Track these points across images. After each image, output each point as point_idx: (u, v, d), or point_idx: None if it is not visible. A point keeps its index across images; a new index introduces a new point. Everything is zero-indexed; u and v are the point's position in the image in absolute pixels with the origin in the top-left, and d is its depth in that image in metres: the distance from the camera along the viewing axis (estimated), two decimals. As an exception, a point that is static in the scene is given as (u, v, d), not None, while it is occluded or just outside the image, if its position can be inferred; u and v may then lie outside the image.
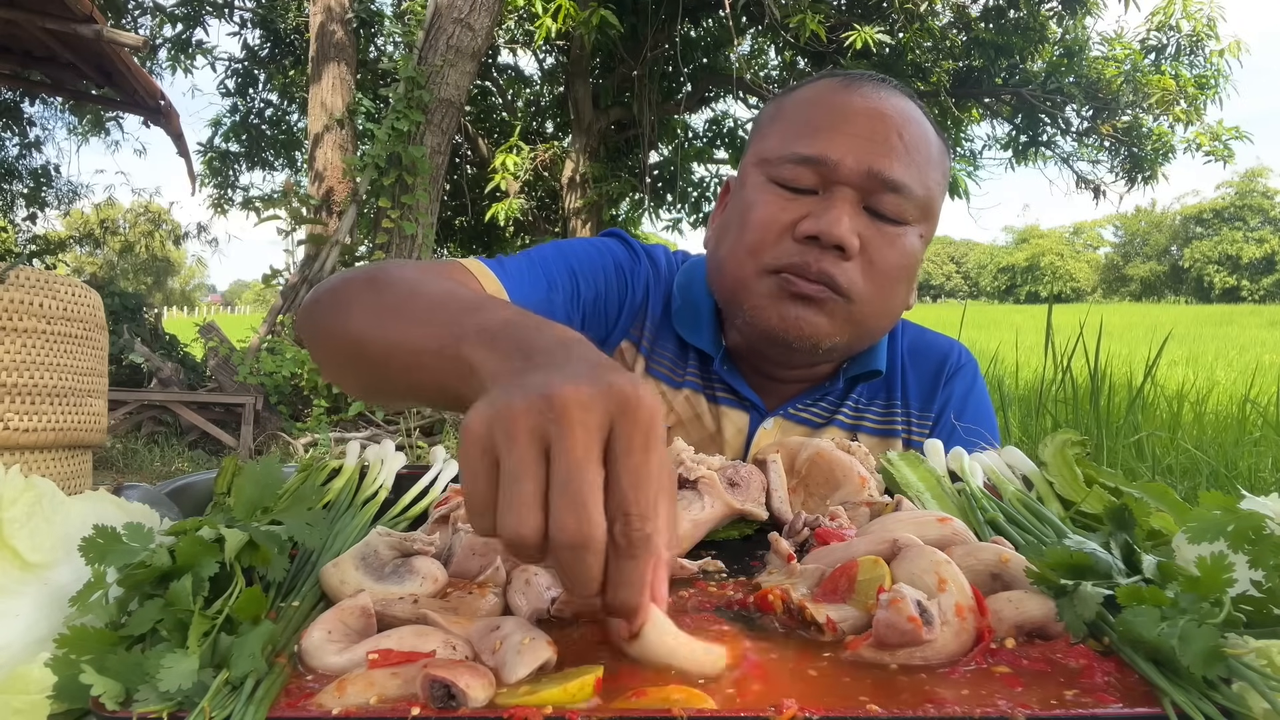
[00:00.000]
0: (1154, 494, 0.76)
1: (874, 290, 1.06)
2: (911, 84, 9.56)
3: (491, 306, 0.70)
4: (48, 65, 6.27)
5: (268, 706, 0.48)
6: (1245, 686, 0.47)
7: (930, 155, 1.08)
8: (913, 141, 1.05)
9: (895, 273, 1.07)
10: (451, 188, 11.96)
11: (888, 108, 1.06)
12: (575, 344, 0.58)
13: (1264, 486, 3.24)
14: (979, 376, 1.30)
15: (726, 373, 1.18)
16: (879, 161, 1.02)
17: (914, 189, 1.04)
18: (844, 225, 1.01)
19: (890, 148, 1.03)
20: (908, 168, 1.04)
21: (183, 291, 46.91)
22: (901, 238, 1.06)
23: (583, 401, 0.49)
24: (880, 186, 1.03)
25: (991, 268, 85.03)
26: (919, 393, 1.25)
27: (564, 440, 0.48)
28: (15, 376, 1.86)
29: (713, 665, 0.51)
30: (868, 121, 1.05)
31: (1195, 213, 71.11)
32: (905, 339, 1.29)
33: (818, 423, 1.21)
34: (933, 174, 1.08)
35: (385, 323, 0.77)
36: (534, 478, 0.48)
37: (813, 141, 1.04)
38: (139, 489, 0.84)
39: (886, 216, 1.05)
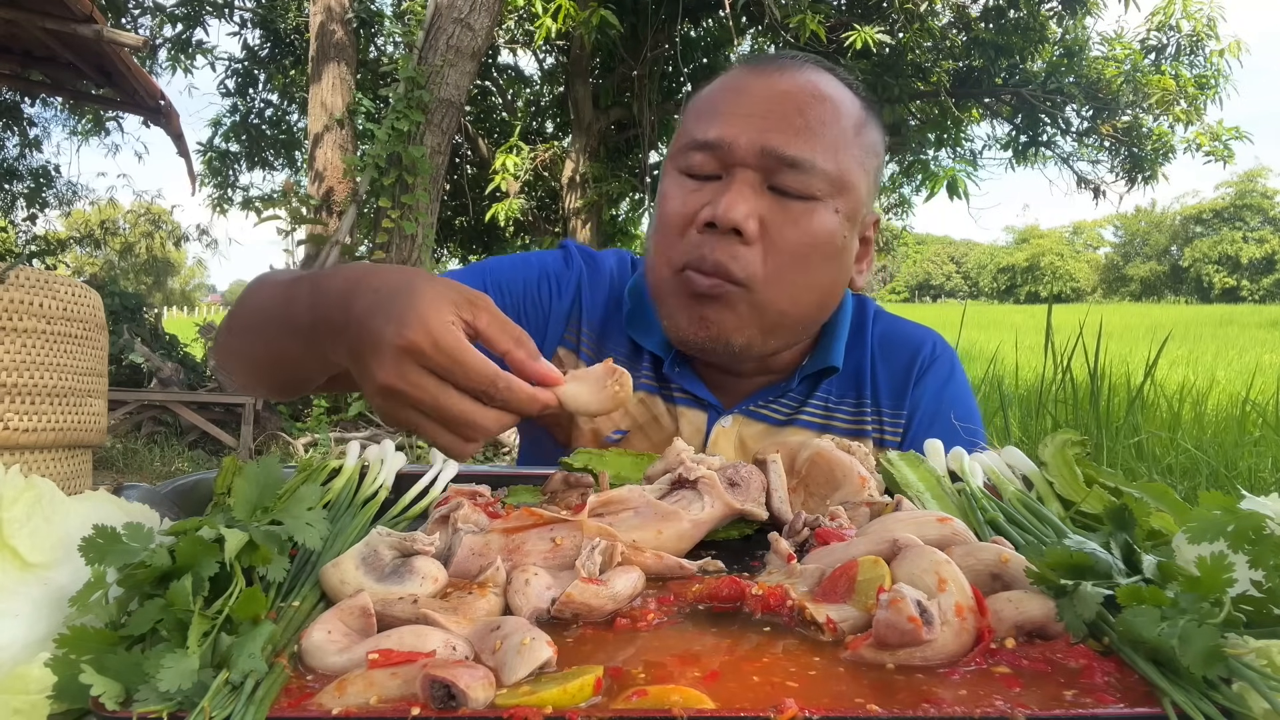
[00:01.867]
0: (1154, 494, 0.76)
1: (779, 272, 1.02)
2: (911, 84, 9.57)
3: (294, 297, 0.89)
4: (48, 65, 6.27)
5: (268, 706, 0.48)
6: (1245, 686, 0.47)
7: (843, 130, 1.04)
8: (818, 117, 1.02)
9: (803, 251, 1.02)
10: (451, 188, 11.96)
11: (789, 85, 1.04)
12: (355, 294, 0.78)
13: (1264, 486, 3.24)
14: (955, 369, 1.25)
15: (678, 374, 1.17)
16: (773, 138, 1.00)
17: (818, 163, 1.01)
18: (737, 208, 0.98)
19: (787, 124, 1.01)
20: (808, 142, 1.01)
21: (183, 291, 46.91)
22: (809, 215, 1.02)
23: (412, 339, 0.69)
24: (778, 164, 1.00)
25: (991, 268, 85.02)
26: (890, 390, 1.20)
27: (431, 363, 0.70)
28: (15, 376, 1.86)
29: (612, 399, 0.76)
30: (765, 100, 1.03)
31: (1195, 213, 71.12)
32: (876, 331, 1.23)
33: (779, 420, 1.17)
34: (848, 149, 1.04)
35: (247, 341, 1.00)
36: (446, 399, 0.71)
37: (710, 126, 1.03)
38: (139, 489, 0.84)
39: (791, 193, 1.02)
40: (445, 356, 0.70)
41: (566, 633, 0.59)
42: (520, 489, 0.88)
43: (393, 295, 0.75)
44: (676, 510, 0.74)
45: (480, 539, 0.68)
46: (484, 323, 0.74)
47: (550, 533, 0.68)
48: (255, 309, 1.01)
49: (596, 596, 0.59)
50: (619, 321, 1.22)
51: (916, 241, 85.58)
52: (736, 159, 1.01)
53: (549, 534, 0.68)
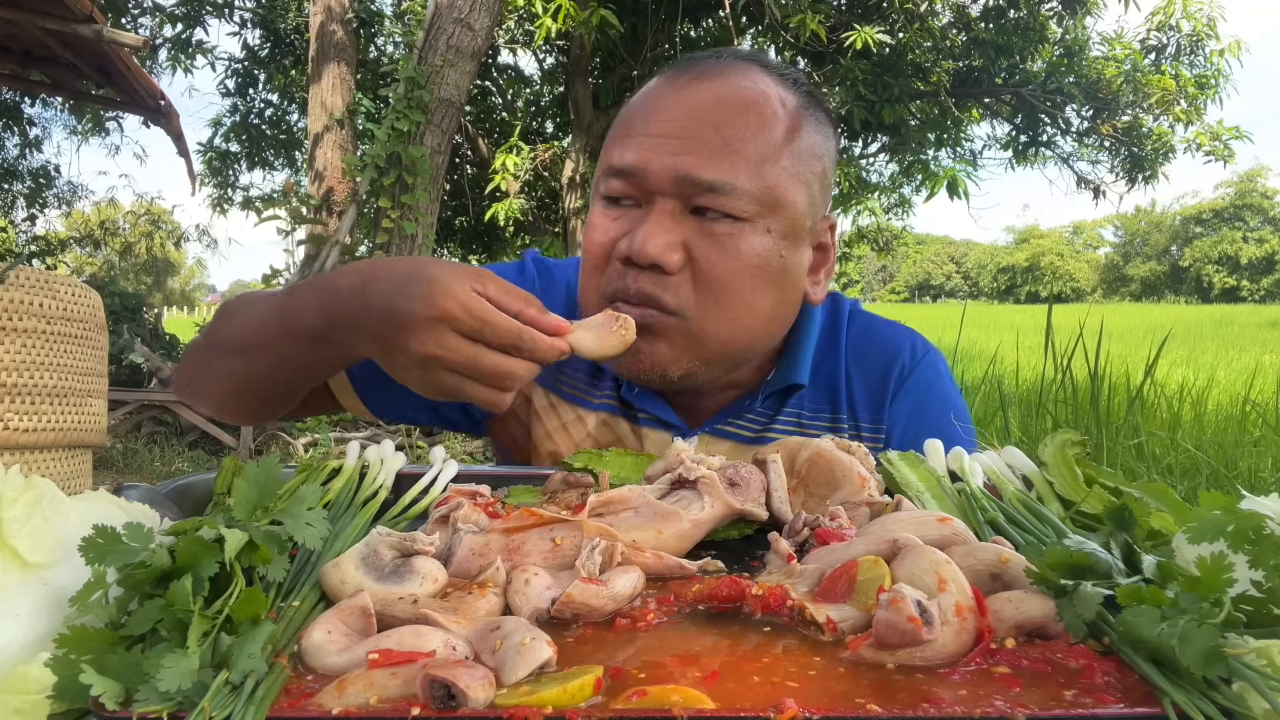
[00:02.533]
0: (1154, 494, 0.76)
1: (710, 300, 0.96)
2: (911, 84, 9.57)
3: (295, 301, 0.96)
4: (48, 65, 6.27)
5: (268, 706, 0.48)
6: (1245, 686, 0.47)
7: (769, 141, 0.96)
8: (737, 131, 0.95)
9: (734, 277, 0.96)
10: (451, 188, 11.96)
11: (706, 97, 0.96)
12: (369, 287, 0.86)
13: (1264, 486, 3.24)
14: (939, 373, 1.17)
15: (638, 396, 1.11)
16: (685, 162, 0.93)
17: (739, 184, 0.94)
18: (653, 242, 0.93)
19: (702, 144, 0.94)
20: (726, 161, 0.94)
21: (183, 291, 46.90)
22: (736, 238, 0.95)
23: (444, 307, 0.80)
24: (695, 189, 0.94)
25: (991, 268, 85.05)
26: (867, 402, 1.13)
27: (456, 323, 0.80)
28: (15, 376, 1.86)
29: (620, 342, 0.86)
30: (679, 118, 0.95)
31: (1195, 213, 71.15)
32: (850, 337, 1.16)
33: (747, 438, 1.12)
34: (776, 162, 0.96)
35: (235, 359, 1.04)
36: (481, 357, 0.81)
37: (624, 150, 0.97)
38: (139, 489, 0.84)
39: (715, 217, 0.95)
40: (475, 319, 0.80)
41: (566, 633, 0.59)
42: (520, 489, 0.88)
43: (408, 279, 0.83)
44: (676, 510, 0.74)
45: (480, 539, 0.68)
46: (493, 290, 0.82)
47: (550, 533, 0.68)
48: (247, 326, 1.04)
49: (596, 596, 0.59)
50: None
51: (916, 241, 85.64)
52: (652, 186, 0.95)
53: (549, 534, 0.68)
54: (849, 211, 11.27)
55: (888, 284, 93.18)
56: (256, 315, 1.03)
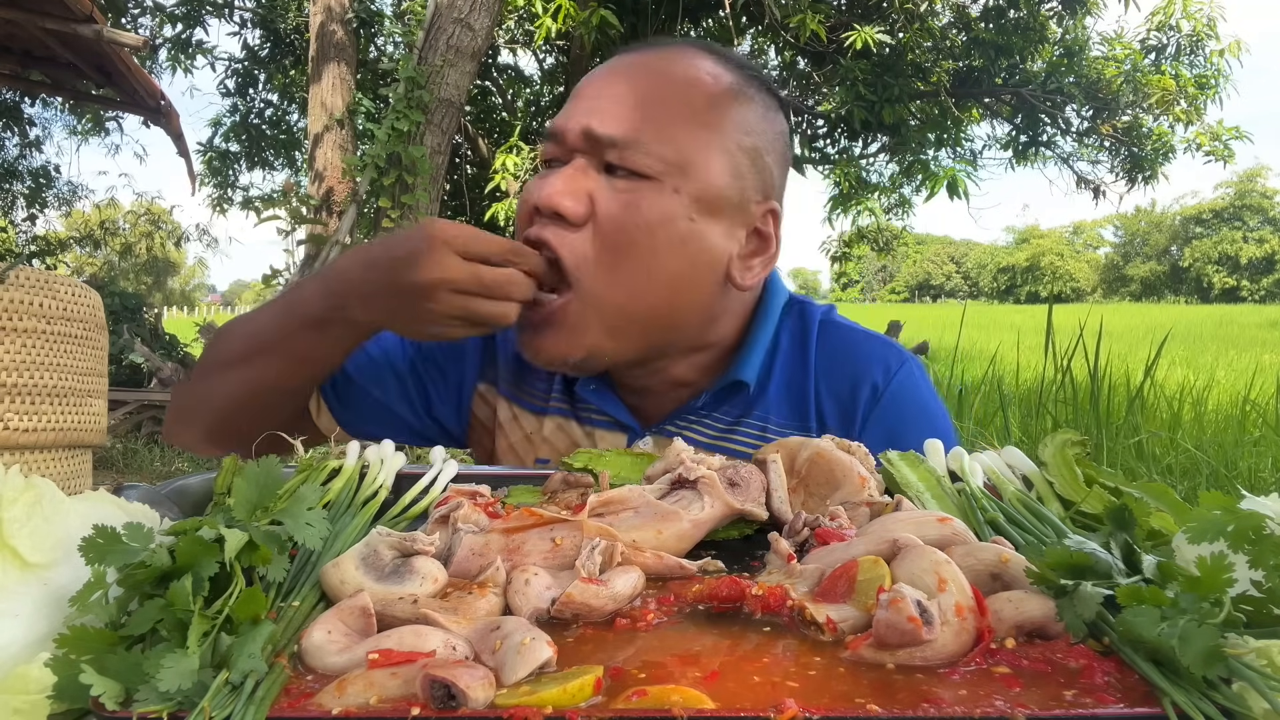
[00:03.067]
0: (1154, 494, 0.76)
1: (608, 258, 0.95)
2: (911, 84, 9.57)
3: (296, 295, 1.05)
4: (48, 65, 6.27)
5: (268, 706, 0.48)
6: (1245, 686, 0.47)
7: (684, 106, 0.97)
8: (650, 94, 0.97)
9: (633, 233, 0.95)
10: (451, 188, 11.95)
11: (626, 65, 1.01)
12: (368, 259, 0.98)
13: (1264, 486, 3.24)
14: (917, 388, 1.12)
15: (593, 393, 1.11)
16: (592, 119, 0.96)
17: (642, 140, 0.95)
18: (553, 187, 0.94)
19: (610, 102, 0.97)
20: (630, 119, 0.95)
21: (183, 291, 46.90)
22: (639, 193, 0.95)
23: (439, 232, 0.93)
24: (598, 144, 0.96)
25: (991, 268, 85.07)
26: (837, 416, 1.09)
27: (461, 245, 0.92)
28: (15, 376, 1.86)
29: None
30: (598, 84, 1.00)
31: (1194, 213, 71.17)
32: (820, 349, 1.12)
33: (704, 442, 1.08)
34: (684, 123, 0.96)
35: (236, 370, 1.09)
36: (483, 271, 0.92)
37: (558, 116, 1.01)
38: (139, 489, 0.84)
39: (622, 172, 0.96)
40: (468, 236, 0.92)
41: (566, 633, 0.59)
42: (520, 489, 0.88)
43: (397, 239, 0.96)
44: (676, 510, 0.74)
45: (480, 539, 0.68)
46: (469, 233, 0.94)
47: (550, 533, 0.68)
48: (250, 331, 1.12)
49: (596, 596, 0.59)
50: None
51: (916, 241, 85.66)
52: (569, 144, 0.98)
53: (549, 534, 0.68)
54: (849, 212, 11.27)
55: (888, 284, 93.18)
56: (259, 319, 1.11)
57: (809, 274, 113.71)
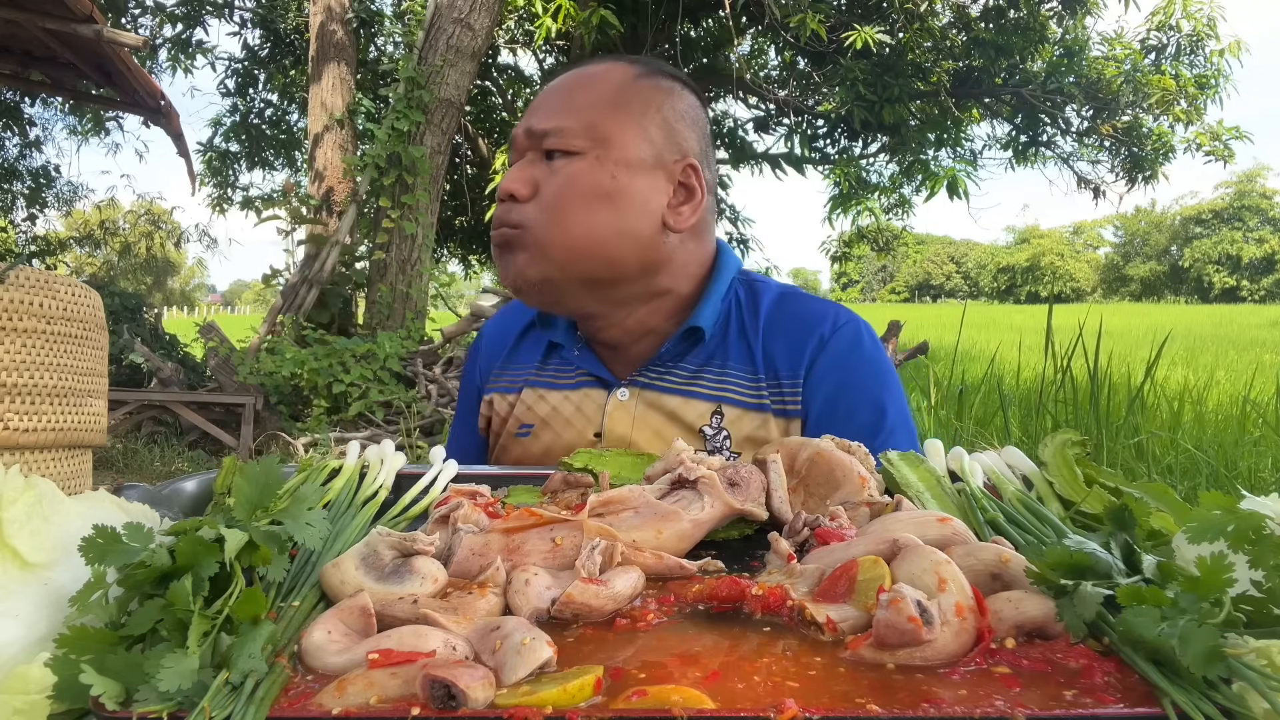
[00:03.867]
0: (1154, 494, 0.76)
1: (547, 214, 1.18)
2: (911, 84, 9.56)
3: None
4: (48, 65, 6.27)
5: (268, 706, 0.48)
6: (1245, 686, 0.47)
7: (598, 94, 1.21)
8: (569, 92, 1.22)
9: (565, 194, 1.18)
10: (451, 188, 11.95)
11: (560, 79, 1.26)
12: None
13: (1264, 486, 3.24)
14: (863, 340, 1.27)
15: (579, 357, 1.31)
16: (531, 120, 1.21)
17: (566, 125, 1.18)
18: (510, 177, 1.20)
19: (546, 106, 1.22)
20: (558, 113, 1.20)
21: (183, 291, 46.87)
22: (569, 166, 1.18)
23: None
24: (537, 138, 1.20)
25: (991, 268, 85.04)
26: (787, 362, 1.25)
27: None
28: (15, 376, 1.85)
29: None
30: (539, 98, 1.25)
31: (1194, 213, 71.15)
32: (779, 310, 1.29)
33: (671, 388, 1.25)
34: (599, 108, 1.20)
35: None
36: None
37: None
38: (139, 489, 0.85)
39: (556, 155, 1.19)
40: None
41: (566, 633, 0.59)
42: (520, 489, 0.88)
43: None
44: (676, 510, 0.74)
45: (480, 539, 0.68)
46: None
47: (550, 533, 0.68)
48: None
49: (596, 597, 0.59)
50: (527, 343, 1.41)
51: (916, 241, 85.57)
52: (520, 146, 1.23)
53: (549, 534, 0.68)
54: (849, 212, 11.27)
55: (888, 284, 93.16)
56: None
57: (809, 274, 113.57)
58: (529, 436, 1.31)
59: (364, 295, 8.05)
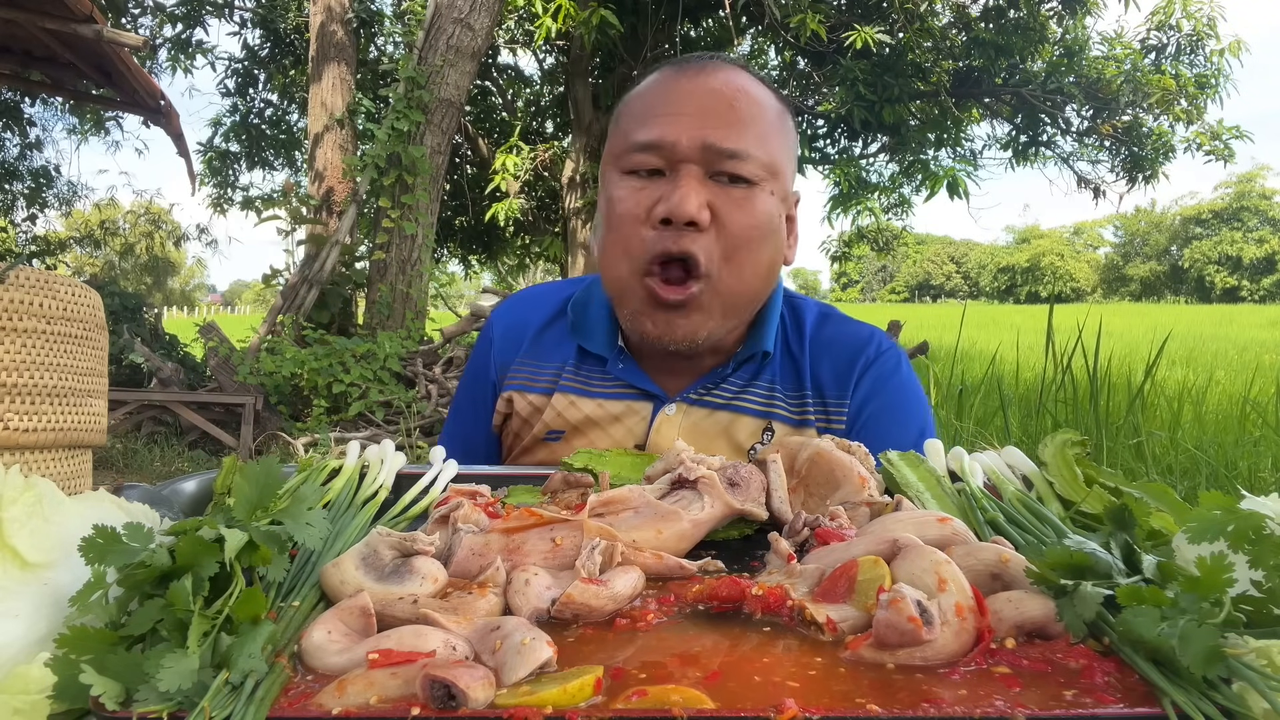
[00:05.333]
0: (1154, 494, 0.76)
1: (732, 255, 1.11)
2: (911, 84, 9.56)
3: None
4: (48, 65, 6.27)
5: (268, 706, 0.48)
6: (1245, 686, 0.47)
7: (768, 121, 1.14)
8: (746, 110, 1.12)
9: (750, 232, 1.11)
10: (451, 188, 11.96)
11: (717, 83, 1.13)
12: None
13: (1264, 486, 3.24)
14: (902, 364, 1.30)
15: (622, 371, 1.25)
16: (712, 134, 1.08)
17: (753, 152, 1.10)
18: (690, 201, 1.07)
19: (722, 119, 1.10)
20: (742, 134, 1.10)
21: (183, 291, 46.86)
22: (750, 199, 1.11)
23: None
24: (718, 155, 1.09)
25: (991, 268, 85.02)
26: (834, 382, 1.26)
27: None
28: (15, 376, 1.85)
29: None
30: (698, 98, 1.11)
31: (1194, 214, 71.14)
32: (824, 330, 1.29)
33: (719, 404, 1.23)
34: (773, 139, 1.14)
35: None
36: None
37: (651, 128, 1.11)
38: (139, 489, 0.84)
39: (732, 180, 1.10)
40: None
41: (566, 633, 0.59)
42: (520, 489, 0.88)
43: None
44: (676, 510, 0.74)
45: (480, 539, 0.68)
46: None
47: (550, 533, 0.68)
48: None
49: (596, 597, 0.59)
50: (554, 340, 1.32)
51: (916, 241, 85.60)
52: (680, 156, 1.09)
53: (549, 534, 0.68)
54: (849, 211, 11.27)
55: (888, 284, 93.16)
56: None
57: (809, 274, 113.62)
58: (559, 442, 1.25)
59: (364, 295, 8.06)
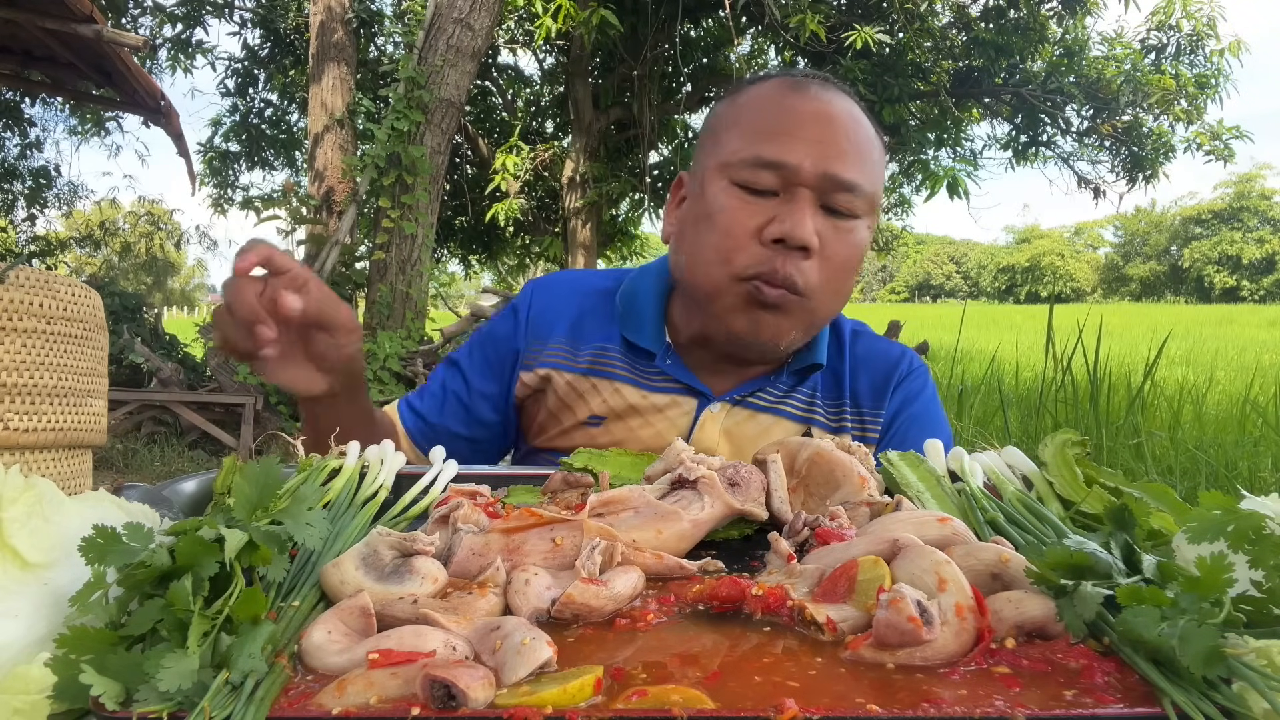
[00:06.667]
0: (1154, 494, 0.76)
1: (829, 283, 1.15)
2: (911, 84, 9.56)
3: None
4: (48, 65, 6.27)
5: (268, 706, 0.48)
6: (1245, 686, 0.47)
7: (874, 154, 1.18)
8: (860, 143, 1.15)
9: (848, 265, 1.16)
10: (451, 188, 11.96)
11: (836, 110, 1.16)
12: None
13: (1264, 486, 3.24)
14: (929, 381, 1.39)
15: (670, 366, 1.28)
16: (834, 164, 1.12)
17: (864, 187, 1.14)
18: (807, 227, 1.10)
19: (842, 151, 1.13)
20: (858, 168, 1.13)
21: (183, 291, 46.83)
22: (853, 232, 1.16)
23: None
24: (835, 187, 1.12)
25: (992, 268, 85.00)
26: (870, 395, 1.32)
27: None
28: (15, 376, 1.85)
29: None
30: (819, 125, 1.14)
31: (1194, 214, 71.14)
32: (859, 345, 1.36)
33: (762, 407, 1.28)
34: (876, 170, 1.18)
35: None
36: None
37: (771, 145, 1.13)
38: (139, 489, 0.84)
39: (841, 213, 1.14)
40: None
41: (566, 633, 0.59)
42: (520, 489, 0.88)
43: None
44: (676, 510, 0.74)
45: (480, 539, 0.68)
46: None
47: (550, 533, 0.68)
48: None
49: (597, 597, 0.59)
50: (594, 325, 1.33)
51: (916, 241, 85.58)
52: (800, 180, 1.11)
53: (549, 534, 0.68)
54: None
55: (888, 284, 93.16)
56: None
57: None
58: (599, 428, 1.27)
59: (364, 295, 8.06)
